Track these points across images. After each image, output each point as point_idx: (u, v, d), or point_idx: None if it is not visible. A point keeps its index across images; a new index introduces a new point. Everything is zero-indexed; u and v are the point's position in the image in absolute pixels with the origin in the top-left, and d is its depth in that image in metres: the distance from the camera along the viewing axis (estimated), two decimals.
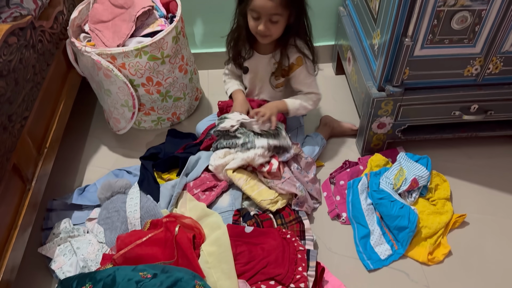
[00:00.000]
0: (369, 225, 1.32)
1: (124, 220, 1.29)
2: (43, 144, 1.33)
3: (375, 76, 1.35)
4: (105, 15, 1.47)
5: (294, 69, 1.40)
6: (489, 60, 1.26)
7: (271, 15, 1.23)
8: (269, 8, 1.22)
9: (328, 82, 1.83)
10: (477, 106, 1.39)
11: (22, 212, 1.16)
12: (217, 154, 1.39)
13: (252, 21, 1.27)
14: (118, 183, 1.37)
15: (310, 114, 1.66)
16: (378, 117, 1.40)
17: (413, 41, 1.19)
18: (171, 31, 1.41)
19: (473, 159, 1.52)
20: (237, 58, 1.43)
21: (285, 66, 1.39)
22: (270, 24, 1.26)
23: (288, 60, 1.37)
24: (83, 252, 1.23)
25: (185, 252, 1.16)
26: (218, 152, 1.39)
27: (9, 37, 1.12)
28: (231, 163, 1.35)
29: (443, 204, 1.35)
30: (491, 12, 1.15)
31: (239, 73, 1.52)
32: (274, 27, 1.27)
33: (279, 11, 1.23)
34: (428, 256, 1.25)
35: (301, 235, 1.28)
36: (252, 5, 1.23)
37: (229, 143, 1.37)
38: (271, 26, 1.26)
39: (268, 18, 1.24)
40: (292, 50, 1.37)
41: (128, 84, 1.41)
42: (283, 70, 1.40)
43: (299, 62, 1.39)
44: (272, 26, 1.26)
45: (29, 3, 1.29)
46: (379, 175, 1.41)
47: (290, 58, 1.37)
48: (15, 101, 1.16)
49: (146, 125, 1.65)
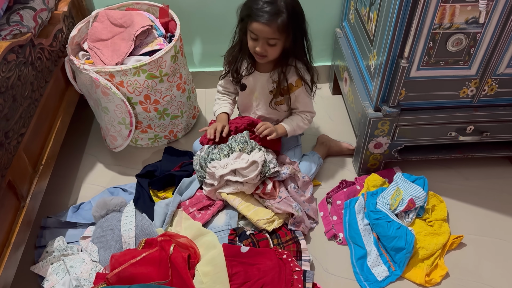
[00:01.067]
0: (366, 246, 1.31)
1: (118, 239, 1.27)
2: (38, 161, 1.33)
3: (372, 97, 1.36)
4: (105, 33, 1.48)
5: (294, 90, 1.41)
6: (485, 82, 1.28)
7: (268, 38, 1.26)
8: (266, 33, 1.24)
9: (324, 102, 1.85)
10: (473, 127, 1.40)
11: (16, 229, 1.14)
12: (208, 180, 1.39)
13: (251, 41, 1.29)
14: (113, 201, 1.36)
15: (307, 134, 1.66)
16: (374, 137, 1.41)
17: (409, 62, 1.21)
18: (169, 50, 1.42)
19: (470, 180, 1.53)
20: (235, 74, 1.44)
21: (284, 86, 1.40)
22: (268, 46, 1.28)
23: (286, 81, 1.38)
24: (76, 271, 1.21)
25: (179, 272, 1.15)
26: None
27: (8, 54, 1.13)
28: (225, 188, 1.35)
29: (440, 225, 1.35)
30: (486, 35, 1.16)
31: (232, 90, 1.53)
32: (271, 49, 1.29)
33: (276, 36, 1.25)
34: (425, 277, 1.24)
35: (298, 255, 1.27)
36: (251, 26, 1.26)
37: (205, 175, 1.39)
38: (268, 48, 1.28)
39: (265, 40, 1.27)
40: (291, 71, 1.38)
41: (126, 102, 1.42)
42: (282, 89, 1.41)
43: (298, 84, 1.40)
44: (269, 48, 1.28)
45: (29, 21, 1.30)
46: (376, 195, 1.40)
47: (289, 79, 1.38)
48: (12, 118, 1.15)
49: (142, 143, 1.65)
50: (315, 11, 1.66)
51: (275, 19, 1.22)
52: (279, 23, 1.22)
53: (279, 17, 1.22)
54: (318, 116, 1.60)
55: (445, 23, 1.14)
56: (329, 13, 1.72)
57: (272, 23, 1.22)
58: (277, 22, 1.22)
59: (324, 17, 1.73)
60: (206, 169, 1.37)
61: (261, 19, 1.22)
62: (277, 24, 1.22)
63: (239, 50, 1.39)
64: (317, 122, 1.73)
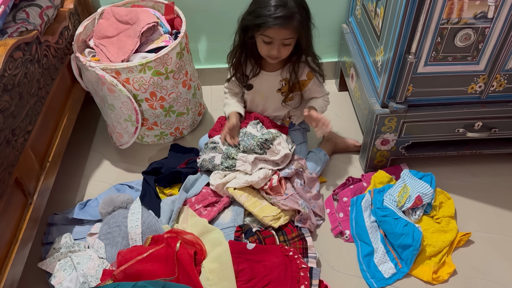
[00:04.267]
0: (372, 243, 1.30)
1: (125, 235, 1.28)
2: (45, 158, 1.33)
3: (379, 93, 1.35)
4: (110, 30, 1.48)
5: (307, 84, 1.42)
6: (493, 78, 1.26)
7: (284, 39, 1.26)
8: (283, 35, 1.25)
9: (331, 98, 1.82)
10: (481, 123, 1.38)
11: (23, 226, 1.15)
12: (217, 174, 1.39)
13: (264, 45, 1.29)
14: (119, 198, 1.36)
15: (313, 130, 1.65)
16: (381, 134, 1.40)
17: (416, 58, 1.19)
18: (175, 47, 1.42)
19: (478, 177, 1.51)
20: (241, 77, 1.44)
21: (295, 82, 1.40)
22: (282, 47, 1.29)
23: (297, 77, 1.38)
24: (83, 268, 1.22)
25: (186, 269, 1.15)
26: (218, 172, 1.40)
27: (14, 51, 1.13)
28: (233, 181, 1.35)
29: (447, 222, 1.34)
30: (495, 30, 1.15)
31: (238, 91, 1.53)
32: (284, 49, 1.30)
33: (292, 36, 1.26)
34: (432, 275, 1.23)
35: (304, 252, 1.26)
36: (265, 32, 1.25)
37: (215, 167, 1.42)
38: (283, 49, 1.29)
39: (281, 42, 1.27)
40: (302, 66, 1.38)
41: (131, 99, 1.42)
42: (292, 86, 1.41)
43: (309, 76, 1.41)
44: (283, 48, 1.29)
45: (35, 19, 1.30)
46: (382, 192, 1.39)
47: (301, 74, 1.39)
48: (19, 116, 1.16)
49: (149, 140, 1.65)
50: (321, 6, 1.65)
51: (291, 21, 1.22)
52: (295, 24, 1.23)
53: (294, 18, 1.22)
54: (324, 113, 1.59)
55: (453, 18, 1.12)
56: (335, 8, 1.71)
57: (288, 25, 1.23)
58: (294, 23, 1.23)
59: (330, 12, 1.72)
60: (236, 156, 1.38)
61: (277, 24, 1.22)
62: (293, 25, 1.23)
63: (241, 53, 1.39)
64: None
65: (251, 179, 1.33)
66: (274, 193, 1.35)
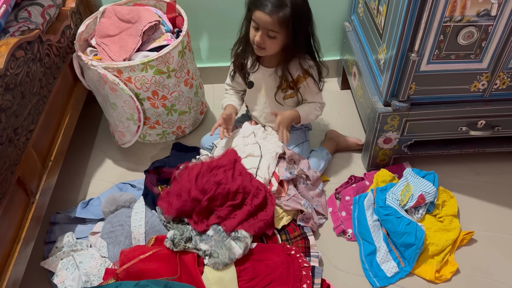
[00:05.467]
0: (375, 242, 1.30)
1: (128, 235, 1.28)
2: (47, 157, 1.33)
3: (381, 91, 1.35)
4: (112, 29, 1.48)
5: (301, 81, 1.40)
6: (496, 76, 1.26)
7: (268, 30, 1.25)
8: (267, 23, 1.24)
9: (333, 97, 1.83)
10: (484, 122, 1.38)
11: (26, 225, 1.15)
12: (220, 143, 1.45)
13: (253, 30, 1.30)
14: (122, 197, 1.36)
15: (315, 129, 1.65)
16: (384, 132, 1.39)
17: (419, 56, 1.19)
18: (177, 45, 1.42)
19: (481, 175, 1.51)
20: (241, 69, 1.44)
21: (290, 79, 1.39)
22: (267, 38, 1.27)
23: (291, 76, 1.38)
24: (85, 267, 1.22)
25: (188, 269, 1.15)
26: None
27: (16, 50, 1.13)
28: None
29: (450, 221, 1.33)
30: (498, 28, 1.14)
31: (240, 89, 1.52)
32: (269, 42, 1.28)
33: (276, 29, 1.25)
34: (435, 274, 1.23)
35: (306, 251, 1.26)
36: (254, 15, 1.26)
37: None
38: (267, 40, 1.28)
39: (265, 31, 1.26)
40: (295, 66, 1.37)
41: (134, 98, 1.42)
42: (291, 82, 1.40)
43: (305, 75, 1.39)
44: (268, 40, 1.28)
45: (37, 18, 1.30)
46: (385, 191, 1.39)
47: (293, 74, 1.37)
48: (21, 115, 1.16)
49: (151, 138, 1.65)
50: (323, 4, 1.65)
51: (278, 11, 1.21)
52: (280, 16, 1.22)
53: (281, 10, 1.21)
54: (326, 111, 1.59)
55: (456, 16, 1.12)
56: (337, 6, 1.70)
57: (273, 14, 1.22)
58: (279, 14, 1.21)
59: (333, 10, 1.71)
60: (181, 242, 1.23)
61: (264, 8, 1.22)
62: (278, 16, 1.22)
63: (245, 43, 1.39)
64: (325, 118, 1.72)
65: None
66: (276, 194, 1.34)
